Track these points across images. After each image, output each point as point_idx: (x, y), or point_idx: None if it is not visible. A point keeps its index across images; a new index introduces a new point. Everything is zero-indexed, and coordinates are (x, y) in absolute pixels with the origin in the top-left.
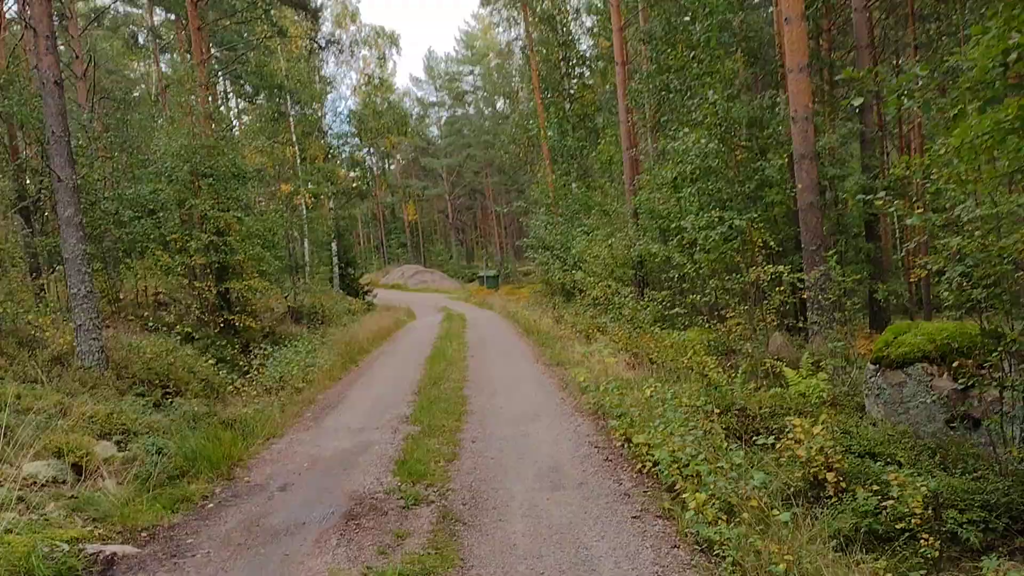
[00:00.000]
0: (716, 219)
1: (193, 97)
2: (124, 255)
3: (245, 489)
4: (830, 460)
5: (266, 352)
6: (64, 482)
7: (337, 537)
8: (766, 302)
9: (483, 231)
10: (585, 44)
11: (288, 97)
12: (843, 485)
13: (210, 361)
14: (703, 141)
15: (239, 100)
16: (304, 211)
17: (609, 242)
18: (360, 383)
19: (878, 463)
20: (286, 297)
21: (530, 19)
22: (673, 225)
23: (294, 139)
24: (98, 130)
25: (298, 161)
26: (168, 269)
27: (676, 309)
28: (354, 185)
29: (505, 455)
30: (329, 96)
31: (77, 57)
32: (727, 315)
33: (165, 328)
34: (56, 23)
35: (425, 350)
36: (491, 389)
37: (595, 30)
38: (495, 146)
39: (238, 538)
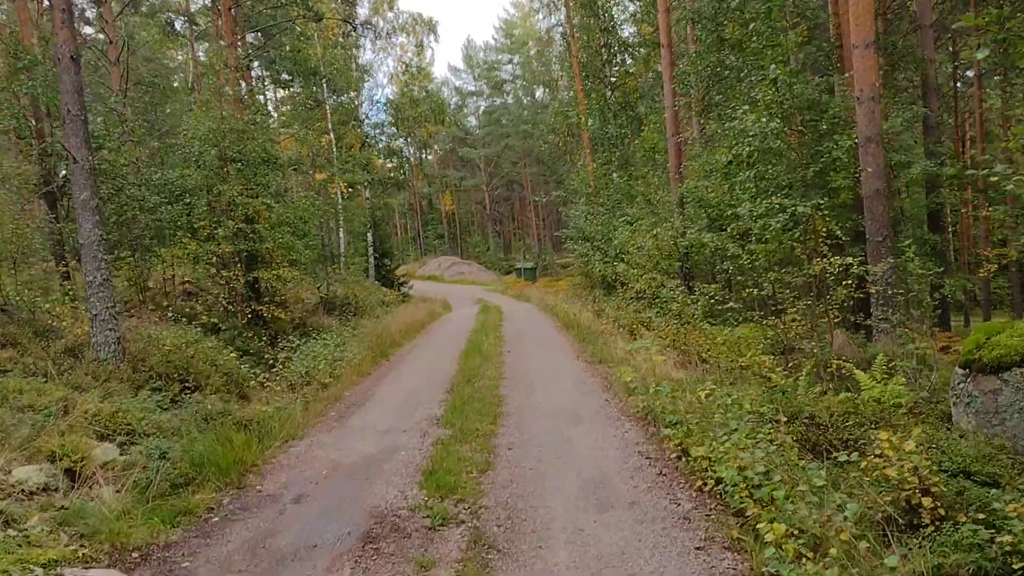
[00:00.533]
0: (776, 206)
1: (224, 80)
2: (152, 242)
3: (255, 500)
4: (926, 482)
5: (293, 345)
6: (56, 489)
7: (351, 566)
8: (829, 297)
9: (521, 222)
10: (627, 31)
11: (324, 84)
12: (941, 512)
13: (234, 354)
14: (763, 120)
15: (276, 88)
16: (339, 200)
17: (654, 232)
18: (390, 378)
19: (975, 483)
20: (318, 288)
21: (571, 4)
22: (728, 213)
23: (330, 127)
24: (127, 115)
25: (334, 149)
26: (196, 257)
27: (730, 304)
28: (391, 175)
29: (545, 465)
30: (366, 84)
31: (111, 42)
32: (785, 310)
33: (189, 318)
34: (92, 7)
35: (460, 343)
36: (528, 386)
37: (638, 15)
38: (534, 136)
39: (240, 562)
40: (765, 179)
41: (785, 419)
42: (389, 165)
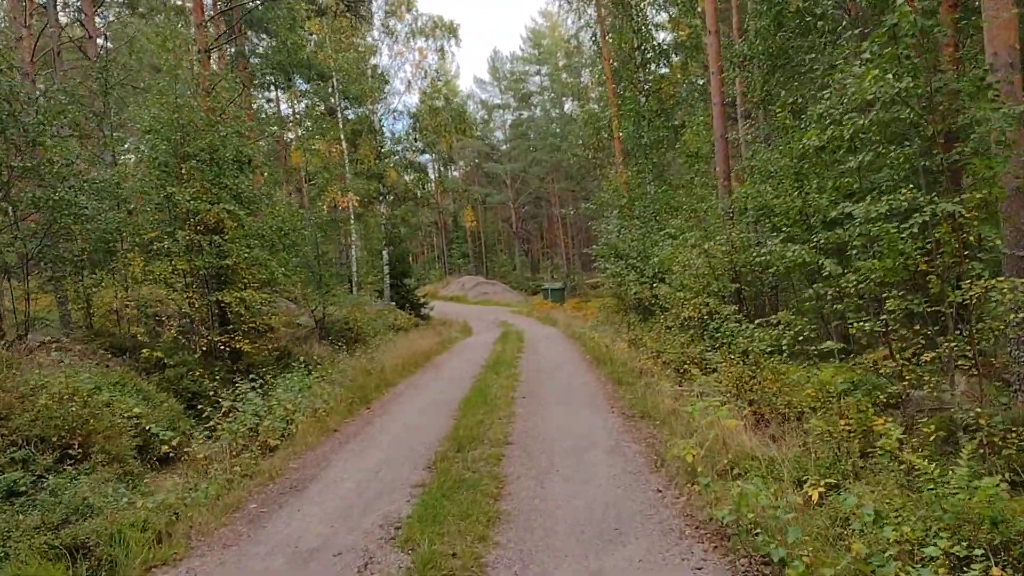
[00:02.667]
0: (903, 204)
1: (192, 66)
2: (104, 257)
3: None
4: None
5: (242, 391)
6: None
7: None
8: (961, 330)
9: (549, 240)
10: (662, 35)
11: (337, 91)
12: None
13: (139, 408)
14: (888, 76)
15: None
16: (351, 214)
17: (704, 248)
18: (359, 440)
19: None
20: (313, 311)
21: (603, 2)
22: (813, 219)
23: (342, 136)
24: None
25: (346, 160)
26: (155, 277)
27: (829, 343)
28: (409, 189)
29: None
30: (384, 90)
31: (90, 37)
32: (896, 345)
33: (130, 351)
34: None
35: (464, 384)
36: (544, 461)
37: (674, 16)
38: (562, 149)
39: None
40: (885, 167)
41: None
42: (408, 178)
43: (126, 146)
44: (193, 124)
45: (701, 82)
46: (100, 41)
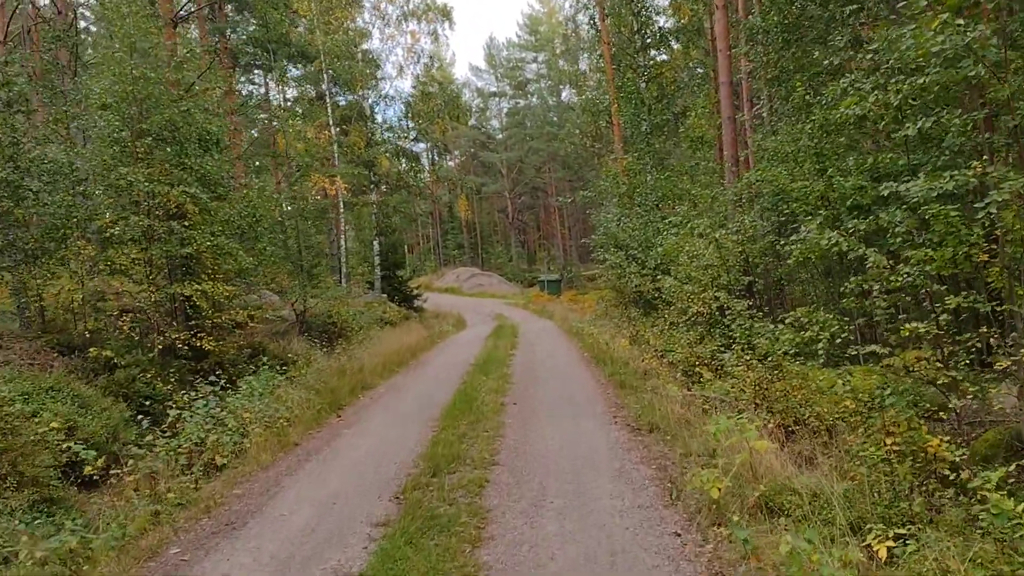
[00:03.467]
0: (978, 179)
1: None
2: (56, 245)
3: None
4: None
5: (201, 395)
6: None
7: None
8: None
9: (545, 232)
10: (662, 19)
11: (324, 71)
12: None
13: (112, 409)
14: (958, 22)
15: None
16: (340, 203)
17: (715, 235)
18: (319, 460)
19: None
20: (294, 304)
21: None
22: (838, 203)
23: (330, 121)
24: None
25: (335, 147)
26: (101, 267)
27: (873, 347)
28: (400, 177)
29: None
30: (375, 74)
31: (60, 13)
32: (948, 349)
33: (79, 350)
34: None
35: (449, 387)
36: (535, 488)
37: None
38: (559, 138)
39: None
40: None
41: None
42: (400, 166)
43: (80, 123)
44: (152, 98)
45: (701, 71)
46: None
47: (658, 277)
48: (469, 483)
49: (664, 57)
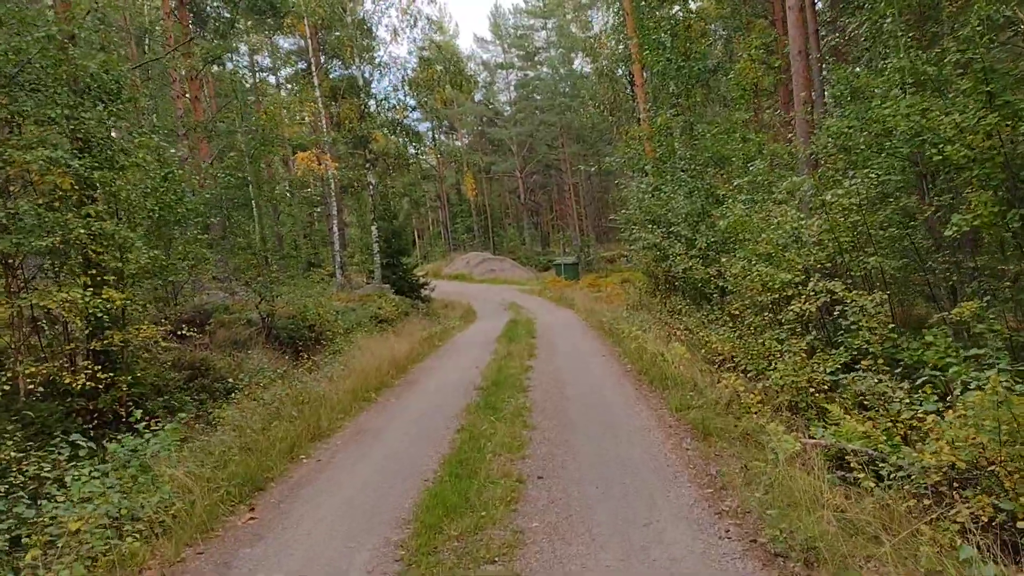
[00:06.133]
0: None
1: None
2: None
3: None
4: None
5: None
6: None
7: None
8: None
9: (560, 212)
10: None
11: (308, 37)
12: None
13: None
14: None
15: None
16: (332, 184)
17: (824, 198)
18: None
19: None
20: (257, 305)
21: None
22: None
23: (317, 93)
24: None
25: (323, 121)
26: None
27: None
28: (401, 154)
29: None
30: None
31: None
32: None
33: None
34: None
35: (439, 438)
36: None
37: None
38: (572, 108)
39: None
40: None
41: None
42: (397, 141)
43: None
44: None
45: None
46: None
47: (714, 259)
48: None
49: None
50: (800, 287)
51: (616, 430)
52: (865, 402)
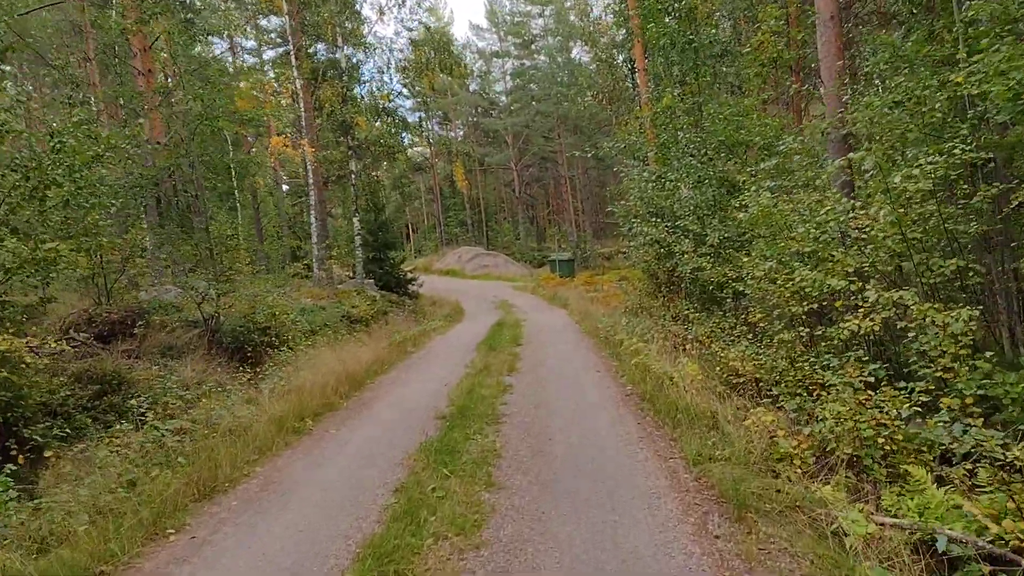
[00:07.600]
0: None
1: None
2: None
3: None
4: None
5: None
6: None
7: None
8: None
9: (556, 206)
10: None
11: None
12: None
13: None
14: None
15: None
16: (309, 171)
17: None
18: None
19: None
20: (199, 304)
21: None
22: None
23: (295, 74)
24: None
25: (299, 103)
26: None
27: None
28: (387, 141)
29: None
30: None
31: None
32: None
33: None
34: None
35: (381, 488)
36: None
37: None
38: (569, 98)
39: None
40: None
41: None
42: (379, 125)
43: None
44: None
45: None
46: None
47: (730, 255)
48: None
49: None
50: (857, 296)
51: (615, 496)
52: (955, 461)
